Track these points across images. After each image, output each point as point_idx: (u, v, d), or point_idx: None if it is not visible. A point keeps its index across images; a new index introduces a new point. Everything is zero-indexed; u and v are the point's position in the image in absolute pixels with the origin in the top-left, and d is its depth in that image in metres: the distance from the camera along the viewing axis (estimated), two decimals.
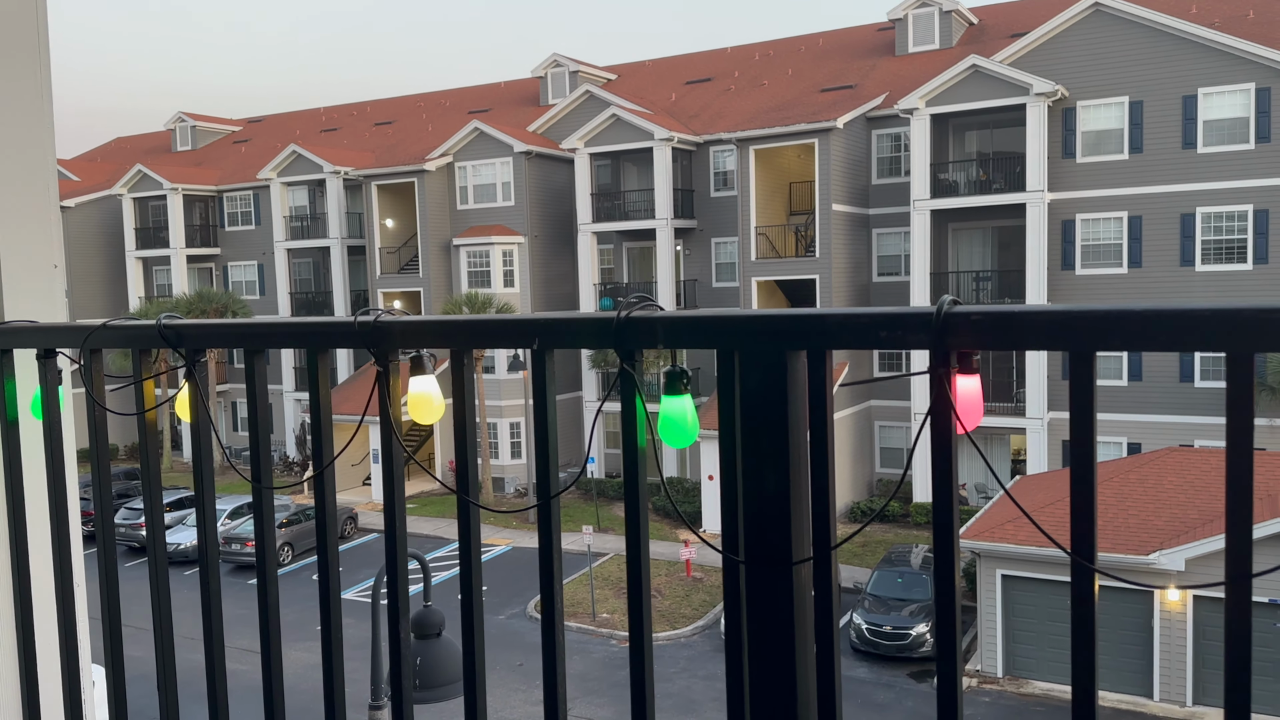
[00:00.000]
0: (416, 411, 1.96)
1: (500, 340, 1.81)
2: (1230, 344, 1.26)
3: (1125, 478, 21.72)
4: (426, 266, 39.67)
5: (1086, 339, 1.34)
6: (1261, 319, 1.23)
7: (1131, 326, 1.31)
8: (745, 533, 1.62)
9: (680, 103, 41.69)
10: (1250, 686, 1.31)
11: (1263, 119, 27.59)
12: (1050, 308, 1.37)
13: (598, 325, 1.68)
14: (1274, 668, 18.58)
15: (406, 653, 2.00)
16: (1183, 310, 1.26)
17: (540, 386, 1.78)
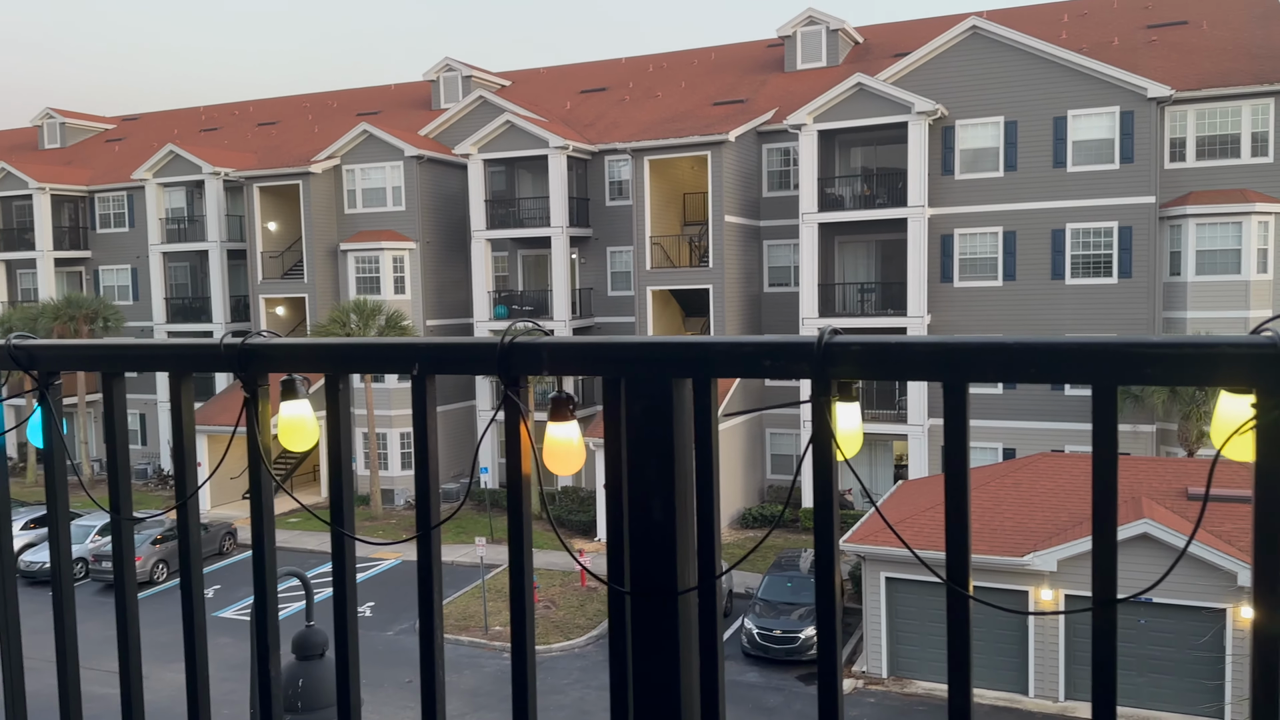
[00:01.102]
0: (288, 438, 1.87)
1: (378, 365, 1.75)
2: (1095, 377, 1.30)
3: (1001, 482, 22.63)
4: (312, 272, 38.58)
5: (959, 371, 1.37)
6: (1124, 353, 1.27)
7: (1002, 359, 1.34)
8: (631, 562, 1.60)
9: (575, 111, 41.69)
10: (1115, 687, 1.36)
11: (1126, 140, 29.24)
12: (925, 340, 1.39)
13: (481, 351, 1.65)
14: (1137, 662, 19.64)
15: (276, 677, 1.91)
16: (1051, 344, 1.29)
17: (420, 412, 1.72)
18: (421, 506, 1.74)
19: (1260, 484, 1.26)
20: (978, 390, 30.66)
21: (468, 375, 11.13)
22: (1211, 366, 1.25)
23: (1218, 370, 1.25)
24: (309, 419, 1.89)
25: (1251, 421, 1.25)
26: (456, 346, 1.67)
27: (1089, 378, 1.30)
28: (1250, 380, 1.24)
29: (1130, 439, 28.89)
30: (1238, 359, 1.24)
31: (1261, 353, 1.22)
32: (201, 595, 1.99)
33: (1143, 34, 33.98)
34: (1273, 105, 28.73)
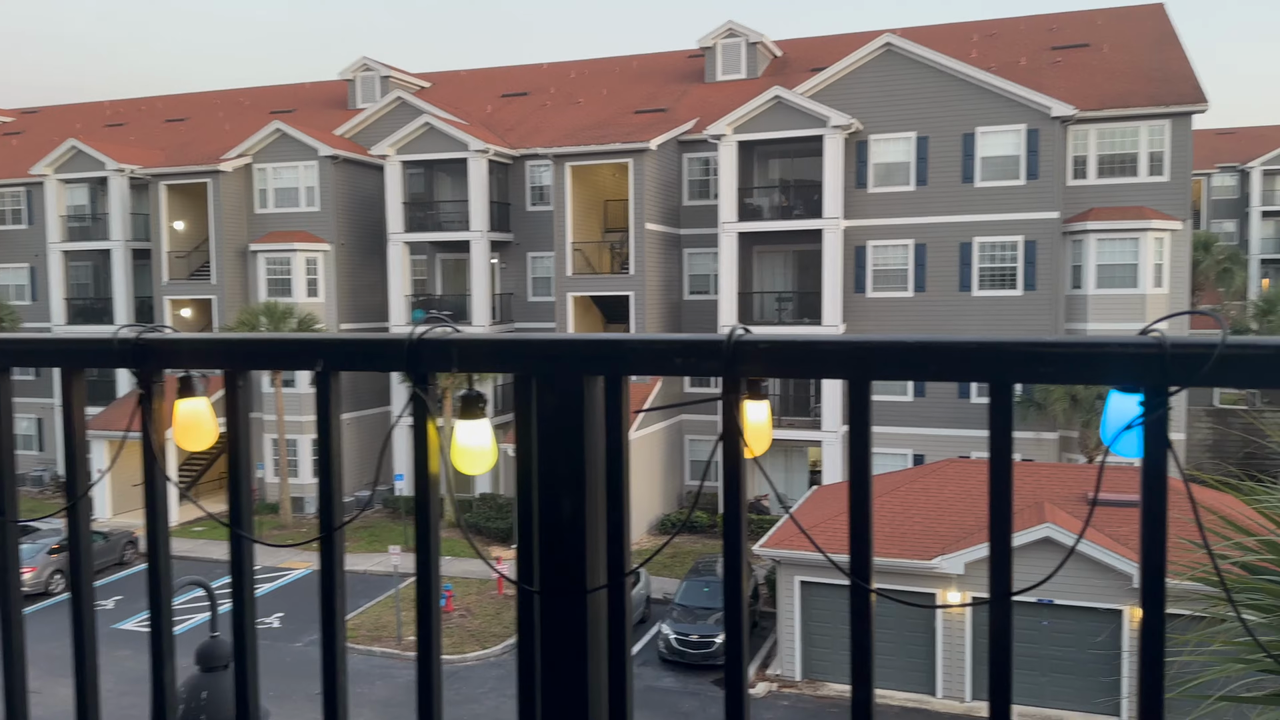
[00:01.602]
0: (184, 437, 1.81)
1: (280, 361, 1.70)
2: (993, 375, 1.33)
3: (910, 487, 23.18)
4: (220, 273, 37.49)
5: (863, 369, 1.39)
6: (1020, 352, 1.31)
7: (903, 358, 1.36)
8: (541, 561, 1.59)
9: (496, 115, 41.41)
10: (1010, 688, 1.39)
11: (1032, 157, 30.30)
12: (831, 339, 1.41)
13: (388, 348, 1.61)
14: (1040, 663, 20.29)
15: (170, 686, 1.84)
16: (950, 343, 1.32)
17: (324, 411, 1.68)
18: (325, 508, 1.70)
19: (1146, 481, 1.31)
20: (890, 398, 31.37)
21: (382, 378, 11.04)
22: (1102, 366, 1.30)
23: (1108, 369, 1.30)
24: (206, 417, 1.83)
25: (1139, 419, 1.30)
26: (363, 343, 1.63)
27: (987, 376, 1.33)
28: (1138, 379, 1.29)
29: (1033, 446, 29.88)
30: (1126, 359, 1.28)
31: (1148, 353, 1.27)
32: (92, 602, 1.91)
33: (1048, 55, 35.28)
34: (1168, 126, 30.10)
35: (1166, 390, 1.27)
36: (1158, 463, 1.30)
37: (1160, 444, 1.29)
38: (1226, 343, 1.24)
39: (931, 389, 30.93)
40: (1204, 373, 1.25)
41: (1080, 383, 1.31)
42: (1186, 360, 1.25)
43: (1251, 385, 1.26)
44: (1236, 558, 4.20)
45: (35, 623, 25.07)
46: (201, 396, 1.84)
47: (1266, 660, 3.95)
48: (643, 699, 21.33)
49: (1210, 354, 1.24)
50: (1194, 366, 1.25)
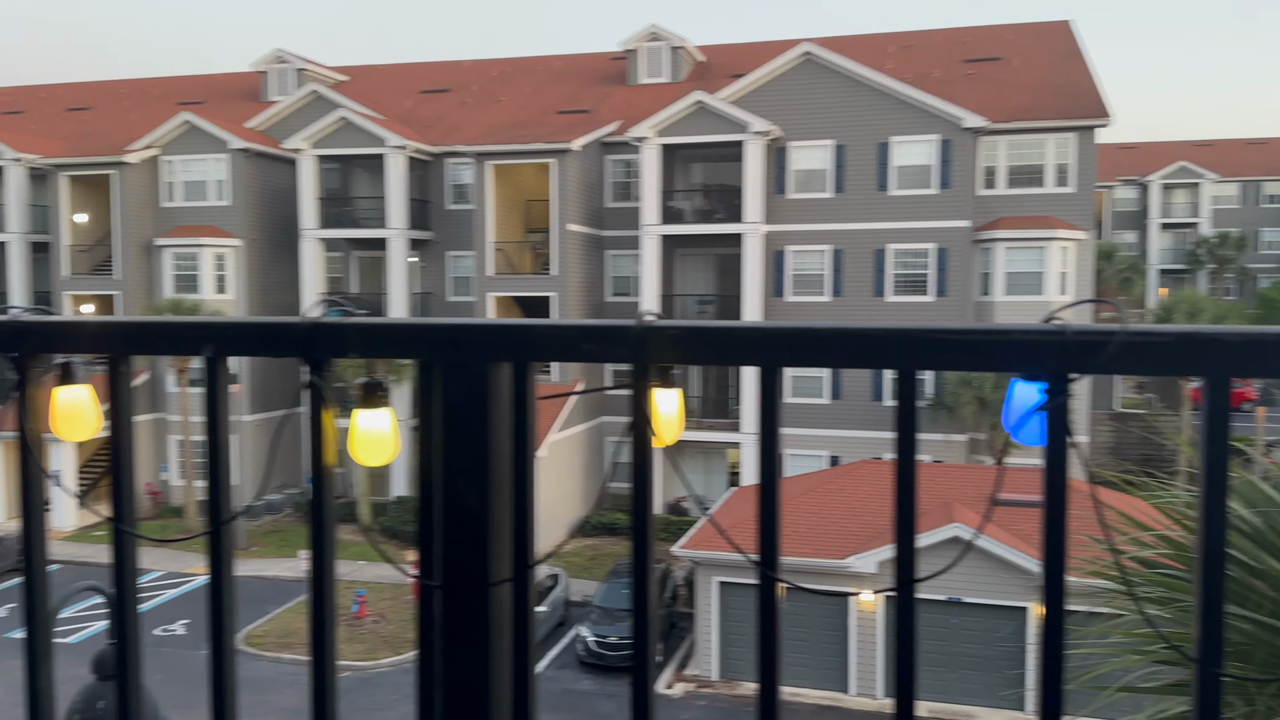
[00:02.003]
0: (64, 428, 1.70)
1: (165, 346, 1.61)
2: (899, 362, 1.33)
3: (826, 488, 23.56)
4: (124, 268, 36.13)
5: (771, 355, 1.37)
6: (925, 339, 1.30)
7: (812, 344, 1.35)
8: (443, 554, 1.53)
9: (416, 111, 40.80)
10: (915, 674, 1.39)
11: (945, 167, 31.11)
12: (740, 325, 1.39)
13: (281, 332, 1.54)
14: (951, 660, 20.80)
15: (46, 691, 1.73)
16: (857, 330, 1.31)
17: (213, 398, 1.60)
18: (213, 500, 1.61)
19: (1048, 468, 1.32)
20: (806, 400, 31.84)
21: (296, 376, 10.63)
22: (1006, 353, 1.31)
23: (1011, 356, 1.31)
24: (88, 406, 1.72)
25: (1040, 408, 1.31)
26: (254, 326, 1.55)
27: (893, 362, 1.33)
28: (1040, 367, 1.30)
29: (942, 448, 30.65)
30: (1029, 345, 1.29)
31: (1050, 340, 1.28)
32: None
33: (961, 68, 36.29)
34: (1074, 139, 31.21)
35: (1068, 377, 1.28)
36: (1059, 451, 1.31)
37: (1061, 432, 1.31)
38: (1127, 330, 1.26)
39: (847, 392, 31.49)
40: (1105, 359, 1.26)
41: (984, 369, 1.32)
42: (1088, 347, 1.27)
43: (1151, 372, 1.27)
44: (1135, 553, 4.34)
45: None
46: (83, 384, 1.73)
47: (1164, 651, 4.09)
48: (561, 701, 21.22)
49: (1110, 341, 1.26)
50: (1095, 353, 1.27)
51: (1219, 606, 1.28)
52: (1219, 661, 1.28)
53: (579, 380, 33.26)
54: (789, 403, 31.95)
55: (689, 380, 34.54)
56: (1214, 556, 1.27)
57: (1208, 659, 1.28)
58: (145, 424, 35.94)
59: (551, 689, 21.83)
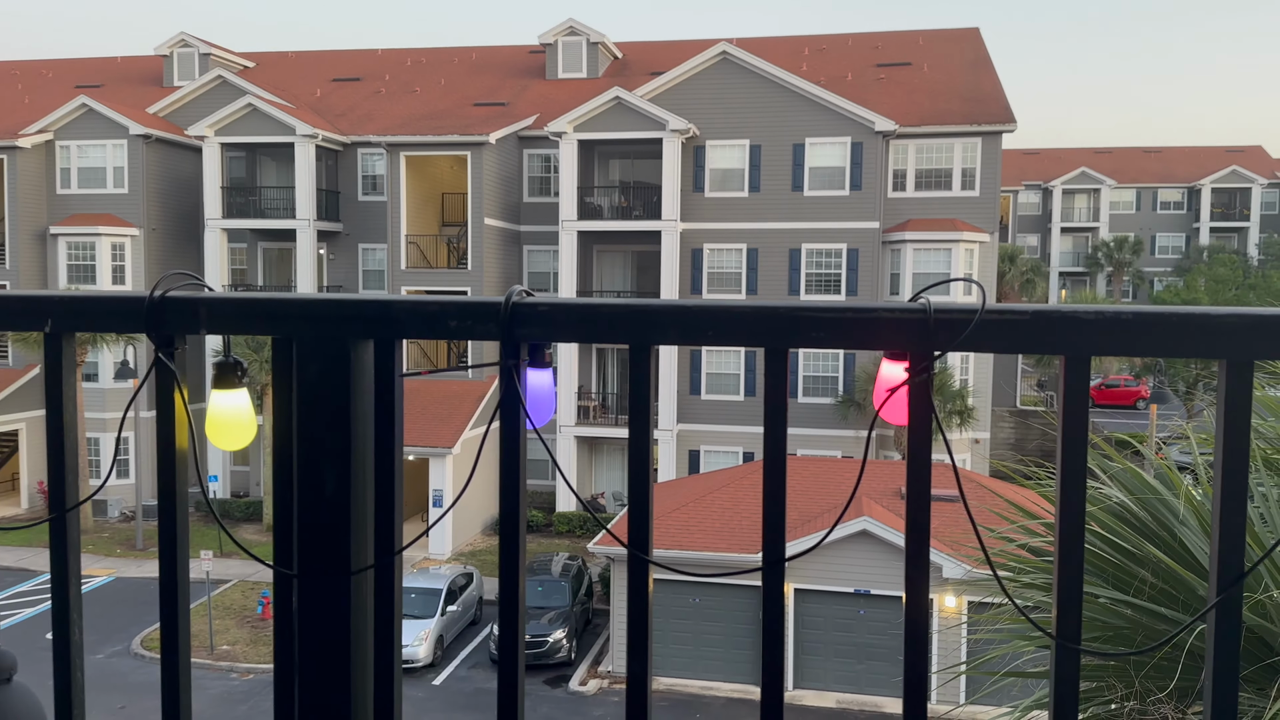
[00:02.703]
0: None
1: (3, 321, 1.50)
2: (767, 340, 1.31)
3: (739, 484, 23.80)
4: (15, 256, 34.46)
5: (644, 334, 1.35)
6: (792, 316, 1.29)
7: (684, 322, 1.33)
8: (300, 541, 1.47)
9: (326, 100, 39.86)
10: (783, 654, 1.38)
11: (856, 169, 31.70)
12: (612, 303, 1.36)
13: (125, 305, 1.45)
14: (857, 650, 21.23)
15: None
16: (725, 309, 1.30)
17: (55, 376, 1.50)
18: (55, 485, 1.51)
19: (911, 441, 1.32)
20: (722, 397, 32.13)
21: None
22: (872, 331, 1.30)
23: (877, 335, 1.30)
24: None
25: (903, 384, 1.31)
26: (97, 300, 1.46)
27: (761, 340, 1.31)
28: (905, 345, 1.30)
29: (854, 443, 31.27)
30: (894, 324, 1.29)
31: (914, 318, 1.28)
32: None
33: (873, 72, 37.04)
34: (980, 144, 32.13)
35: (931, 354, 1.29)
36: (922, 426, 1.31)
37: (924, 408, 1.31)
38: (987, 309, 1.26)
39: (762, 389, 31.83)
40: (965, 337, 1.26)
41: (851, 347, 1.31)
42: (950, 325, 1.27)
43: (1010, 350, 1.29)
44: (1024, 541, 4.46)
45: None
46: None
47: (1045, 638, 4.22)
48: (472, 701, 20.99)
49: (971, 319, 1.26)
50: (956, 331, 1.27)
51: (1078, 583, 1.30)
52: (1077, 637, 1.30)
53: (493, 376, 32.95)
54: (703, 400, 32.21)
55: (606, 377, 34.55)
56: (1071, 532, 1.29)
57: (1065, 634, 1.29)
58: (38, 420, 34.37)
59: (463, 689, 21.59)
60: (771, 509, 1.35)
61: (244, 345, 25.65)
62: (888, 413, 1.33)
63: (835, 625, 21.19)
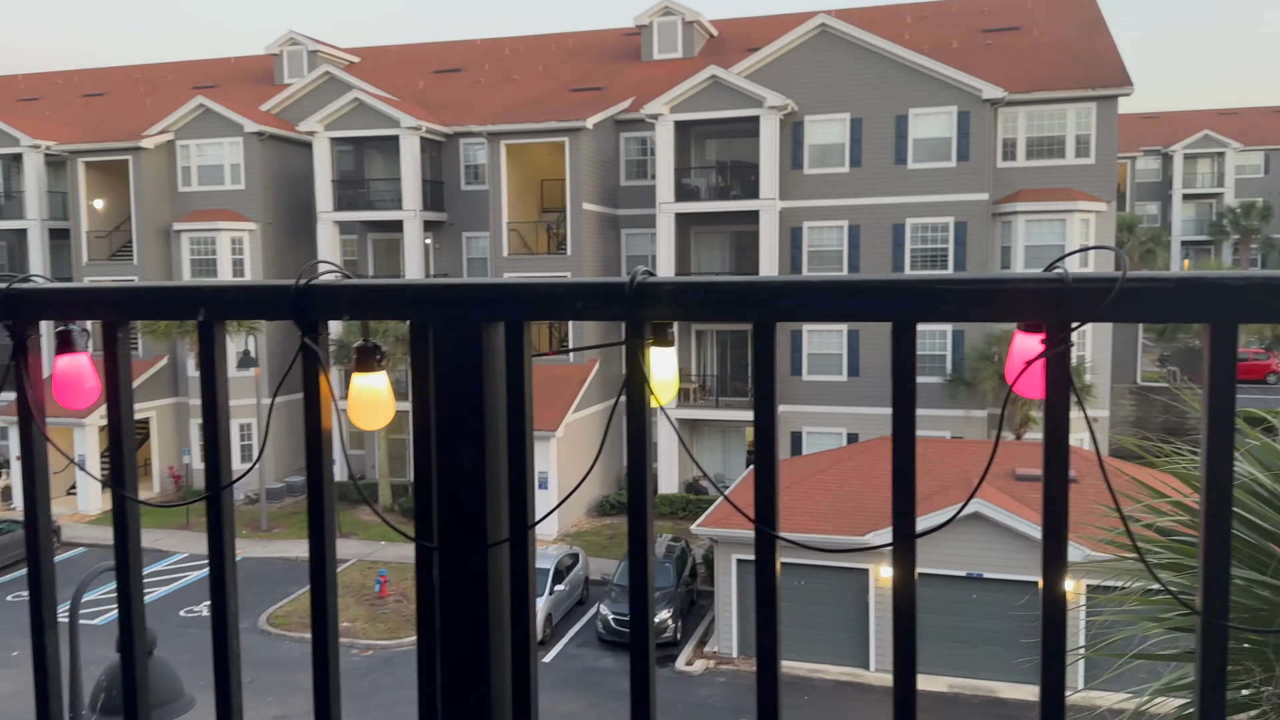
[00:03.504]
0: (65, 396, 1.71)
1: (160, 310, 1.60)
2: (893, 314, 1.31)
3: (843, 465, 23.51)
4: (142, 253, 36.35)
5: (765, 310, 1.36)
6: (920, 289, 1.28)
7: (805, 298, 1.33)
8: (439, 516, 1.53)
9: (429, 91, 40.72)
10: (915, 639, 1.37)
11: (963, 140, 30.77)
12: (733, 280, 1.37)
13: (273, 294, 1.53)
14: (971, 634, 20.78)
15: (53, 655, 1.74)
16: (850, 282, 1.29)
17: (209, 362, 1.60)
18: (211, 465, 1.61)
19: (1048, 417, 1.30)
20: (824, 378, 31.74)
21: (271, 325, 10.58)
22: (1004, 302, 1.28)
23: (1010, 306, 1.28)
24: (87, 373, 1.72)
25: (1040, 357, 1.28)
26: (247, 289, 1.55)
27: (887, 315, 1.31)
28: (1040, 316, 1.28)
29: (963, 424, 30.50)
30: (1028, 295, 1.27)
31: (1050, 288, 1.26)
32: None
33: (979, 38, 35.82)
34: (1095, 109, 30.79)
35: (1069, 325, 1.26)
36: (1060, 400, 1.28)
37: (1062, 382, 1.28)
38: (1127, 276, 1.23)
39: (865, 370, 31.33)
40: (1105, 306, 1.23)
41: (982, 320, 1.29)
42: (1088, 294, 1.24)
43: (1150, 319, 1.25)
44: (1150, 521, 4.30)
45: None
46: (81, 352, 1.73)
47: (1179, 619, 4.06)
48: (581, 679, 21.36)
49: (1111, 287, 1.23)
50: (1095, 300, 1.24)
51: (1225, 557, 1.26)
52: (1224, 613, 1.26)
53: (595, 360, 33.30)
54: (807, 380, 31.86)
55: (706, 360, 34.51)
56: (1218, 505, 1.25)
57: (1211, 610, 1.25)
58: (167, 408, 36.28)
59: (573, 666, 21.98)
60: (901, 485, 1.34)
61: (353, 331, 26.48)
62: (1021, 387, 1.31)
63: (947, 609, 20.77)
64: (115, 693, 6.99)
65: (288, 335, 36.06)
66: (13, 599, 25.67)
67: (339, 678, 1.61)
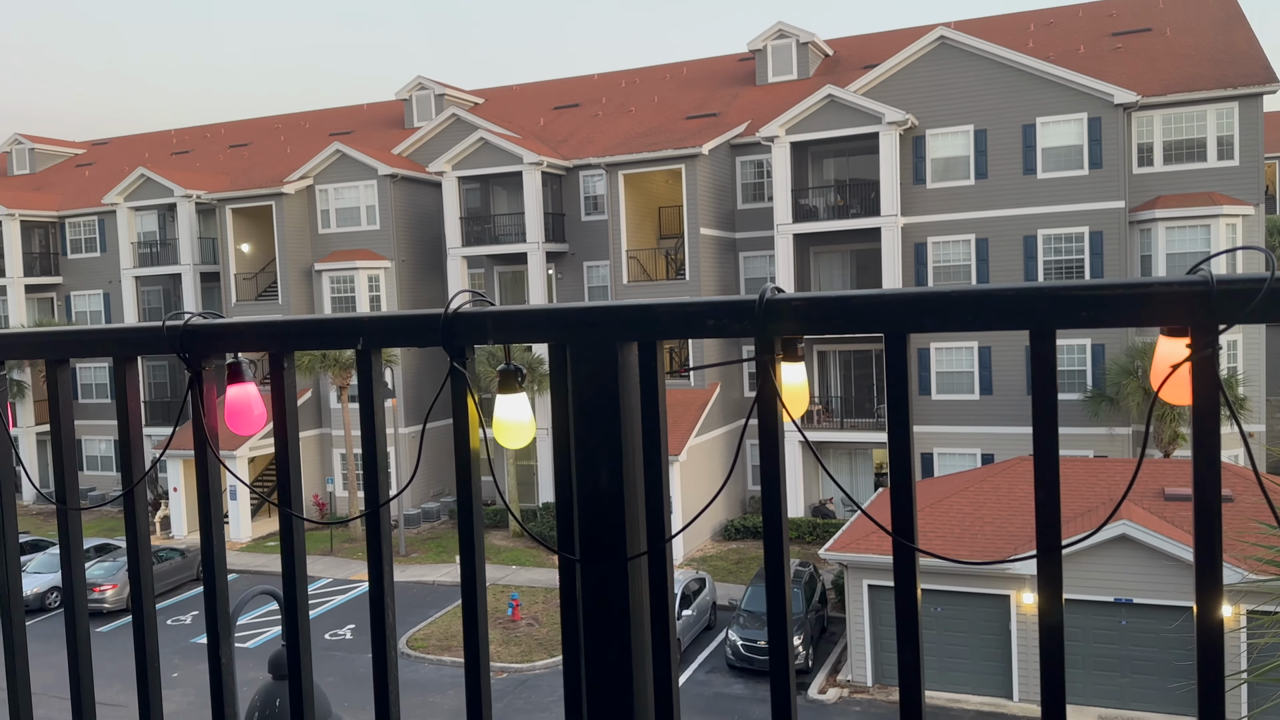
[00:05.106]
0: (236, 423, 1.85)
1: (322, 341, 1.72)
2: (1032, 321, 1.30)
3: (980, 487, 22.72)
4: (286, 292, 38.37)
5: (899, 322, 1.37)
6: (1059, 296, 1.27)
7: (941, 308, 1.33)
8: (580, 529, 1.59)
9: (549, 127, 41.78)
10: (1063, 665, 1.35)
11: (1094, 146, 29.59)
12: (864, 292, 1.39)
13: (424, 322, 1.63)
14: (1120, 663, 19.71)
15: (227, 665, 1.87)
16: (985, 291, 1.29)
17: (367, 387, 1.71)
18: (370, 484, 1.72)
19: (1196, 424, 1.26)
20: (956, 397, 30.82)
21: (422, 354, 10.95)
22: (1146, 307, 1.26)
23: (1152, 310, 1.25)
24: (255, 401, 1.86)
25: (1186, 361, 1.25)
26: (400, 319, 1.65)
27: (1026, 323, 1.30)
28: (1185, 319, 1.25)
29: (1106, 442, 29.11)
30: (1171, 298, 1.24)
31: (1194, 290, 1.23)
32: (152, 595, 1.95)
33: (1108, 41, 34.45)
34: (1236, 109, 29.16)
35: (1215, 328, 1.23)
36: (1208, 406, 1.25)
37: (1211, 388, 1.25)
38: (1276, 276, 1.19)
39: (998, 386, 30.31)
40: (1253, 308, 1.20)
41: (1124, 325, 1.27)
42: (1234, 296, 1.21)
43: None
44: None
45: (122, 637, 25.83)
46: (249, 382, 1.87)
47: None
48: (712, 706, 21.22)
49: (1260, 289, 1.19)
50: (1242, 303, 1.20)
51: None
52: None
53: (715, 384, 33.28)
54: (937, 400, 31.02)
55: (830, 380, 34.02)
56: None
57: None
58: (310, 439, 38.03)
59: (703, 693, 21.86)
60: (1046, 499, 1.33)
61: (484, 360, 27.24)
62: (1167, 393, 1.28)
63: (1095, 636, 19.77)
64: (268, 712, 7.33)
65: (421, 366, 37.37)
66: (171, 623, 27.26)
67: (490, 695, 1.68)
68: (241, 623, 25.49)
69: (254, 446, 34.52)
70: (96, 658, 22.95)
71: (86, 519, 37.75)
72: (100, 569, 29.08)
